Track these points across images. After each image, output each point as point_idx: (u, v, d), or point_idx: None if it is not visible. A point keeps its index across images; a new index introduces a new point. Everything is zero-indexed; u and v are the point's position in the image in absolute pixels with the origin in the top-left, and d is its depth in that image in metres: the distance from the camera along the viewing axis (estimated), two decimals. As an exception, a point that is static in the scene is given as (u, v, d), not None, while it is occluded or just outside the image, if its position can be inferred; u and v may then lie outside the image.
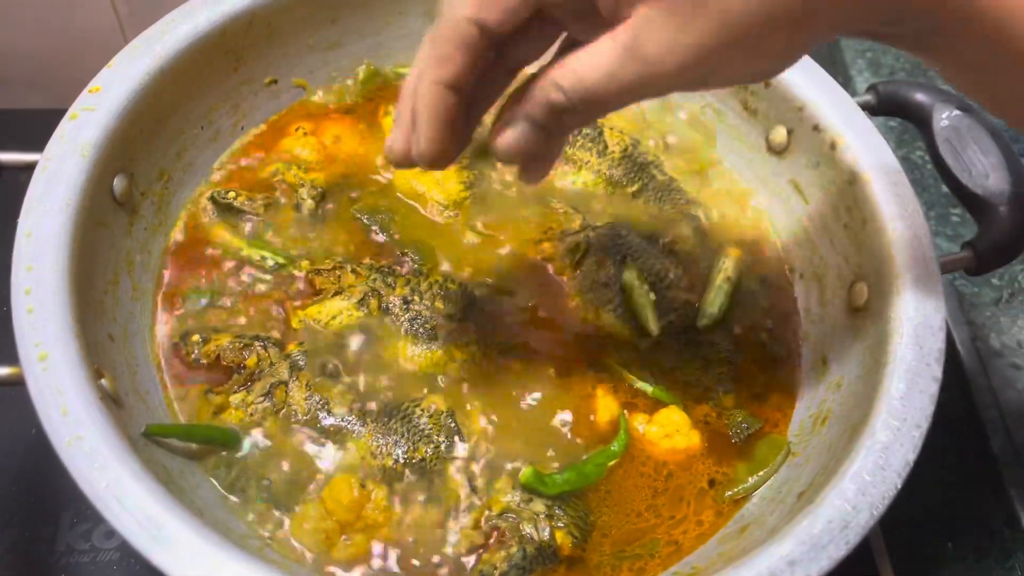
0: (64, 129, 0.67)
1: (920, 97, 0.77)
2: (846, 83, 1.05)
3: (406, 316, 0.72)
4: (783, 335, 0.77)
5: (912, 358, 0.64)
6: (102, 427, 0.55)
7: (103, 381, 0.60)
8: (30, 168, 0.66)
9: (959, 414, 0.83)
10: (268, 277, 0.74)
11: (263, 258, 0.75)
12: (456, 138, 0.54)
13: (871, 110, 0.79)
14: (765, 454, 0.70)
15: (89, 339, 0.60)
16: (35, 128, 0.69)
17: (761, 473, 0.69)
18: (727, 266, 0.79)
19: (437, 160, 0.54)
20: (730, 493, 0.68)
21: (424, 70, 0.51)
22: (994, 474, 0.79)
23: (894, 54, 1.08)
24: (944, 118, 0.75)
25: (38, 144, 0.67)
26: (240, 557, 0.53)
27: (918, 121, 0.77)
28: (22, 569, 0.80)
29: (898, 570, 0.93)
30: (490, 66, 0.54)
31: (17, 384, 0.57)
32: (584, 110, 0.50)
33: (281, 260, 0.75)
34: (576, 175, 0.83)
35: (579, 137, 0.84)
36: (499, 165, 0.83)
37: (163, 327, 0.71)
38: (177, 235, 0.76)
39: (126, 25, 1.10)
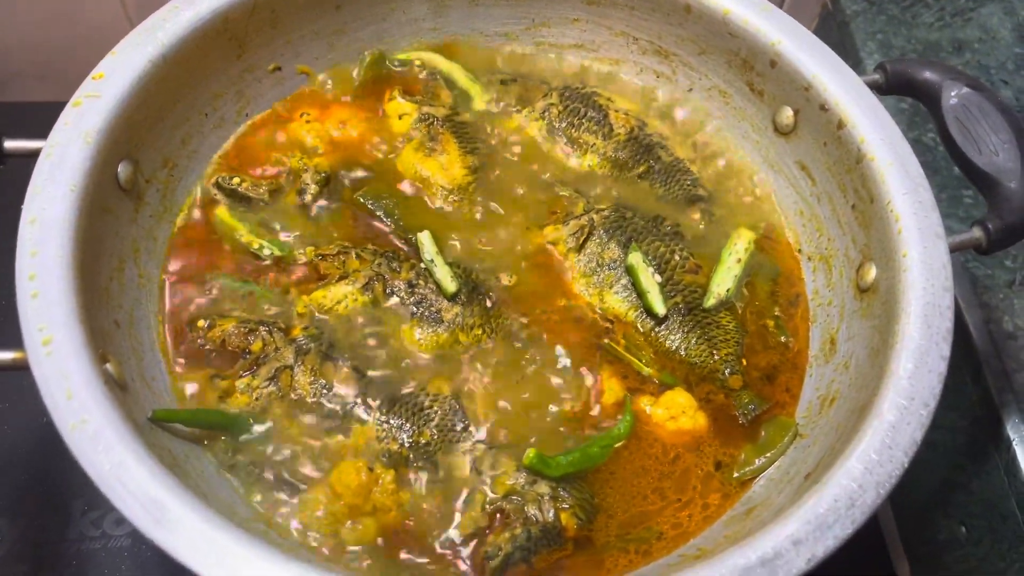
0: (68, 116, 0.67)
1: (929, 75, 0.76)
2: (856, 65, 1.03)
3: (411, 300, 0.72)
4: (791, 316, 0.77)
5: (920, 337, 0.63)
6: (107, 411, 0.56)
7: (108, 366, 0.60)
8: (35, 156, 0.66)
9: (972, 397, 0.82)
10: (272, 263, 0.74)
11: (261, 247, 0.75)
12: None
13: (879, 89, 0.78)
14: (772, 436, 0.69)
15: (94, 324, 0.61)
16: (44, 120, 0.69)
17: (768, 455, 0.68)
18: (739, 247, 0.78)
19: None
20: (737, 475, 0.68)
21: None
22: (1007, 457, 0.78)
23: (905, 35, 1.07)
24: (953, 96, 0.74)
25: (47, 136, 0.67)
26: (244, 539, 0.53)
27: (927, 99, 0.76)
28: (35, 556, 0.81)
29: (911, 554, 0.93)
30: None
31: (22, 368, 0.57)
32: None
33: (278, 252, 0.74)
34: (581, 158, 0.83)
35: (584, 120, 0.84)
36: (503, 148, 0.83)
37: (169, 313, 0.71)
38: (182, 222, 0.76)
39: (133, 16, 1.10)
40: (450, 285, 0.72)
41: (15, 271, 0.60)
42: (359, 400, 0.68)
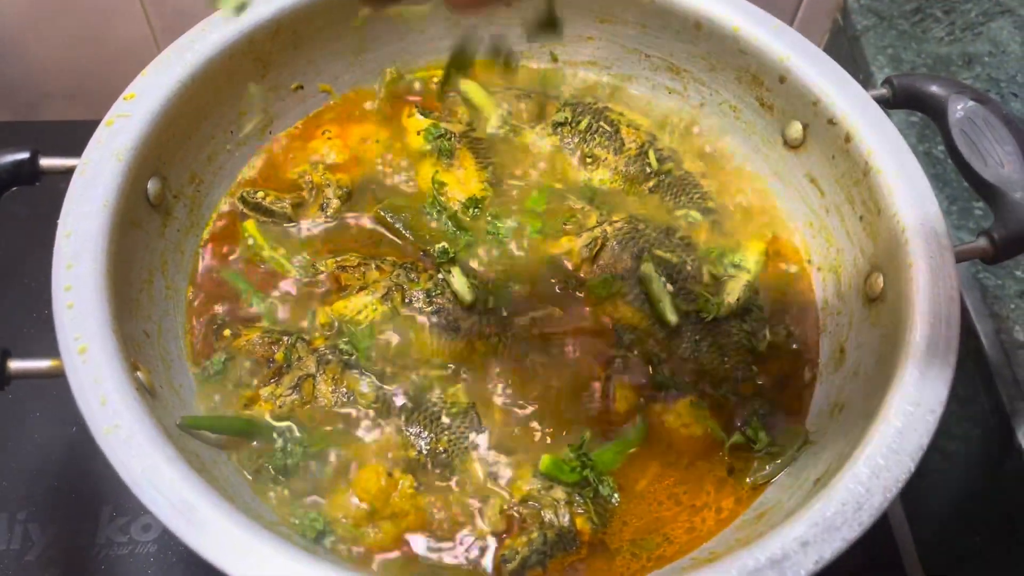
0: (101, 134, 0.70)
1: (935, 89, 0.77)
2: (866, 79, 1.05)
3: (429, 310, 0.74)
4: (800, 325, 0.78)
5: (927, 345, 0.64)
6: (139, 416, 0.58)
7: (139, 374, 0.63)
8: (69, 174, 0.68)
9: (984, 407, 0.83)
10: (295, 274, 0.77)
11: (279, 263, 0.77)
12: None
13: (887, 103, 0.80)
14: (783, 442, 0.71)
15: (126, 334, 0.63)
16: (75, 138, 0.72)
17: (779, 460, 0.70)
18: (747, 258, 0.80)
19: None
20: (749, 480, 0.69)
21: None
22: (1020, 466, 0.78)
23: (915, 50, 1.08)
24: (959, 109, 0.75)
25: (78, 154, 0.69)
26: (270, 540, 0.54)
27: (933, 112, 0.77)
28: (65, 561, 0.83)
29: (925, 564, 0.93)
30: None
31: (57, 376, 0.60)
32: None
33: (294, 272, 0.77)
34: (593, 172, 0.85)
35: (597, 135, 0.86)
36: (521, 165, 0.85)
37: (195, 323, 0.74)
38: (208, 235, 0.79)
39: (160, 38, 1.13)
40: (467, 295, 0.74)
41: (51, 283, 0.62)
42: (379, 408, 0.70)
